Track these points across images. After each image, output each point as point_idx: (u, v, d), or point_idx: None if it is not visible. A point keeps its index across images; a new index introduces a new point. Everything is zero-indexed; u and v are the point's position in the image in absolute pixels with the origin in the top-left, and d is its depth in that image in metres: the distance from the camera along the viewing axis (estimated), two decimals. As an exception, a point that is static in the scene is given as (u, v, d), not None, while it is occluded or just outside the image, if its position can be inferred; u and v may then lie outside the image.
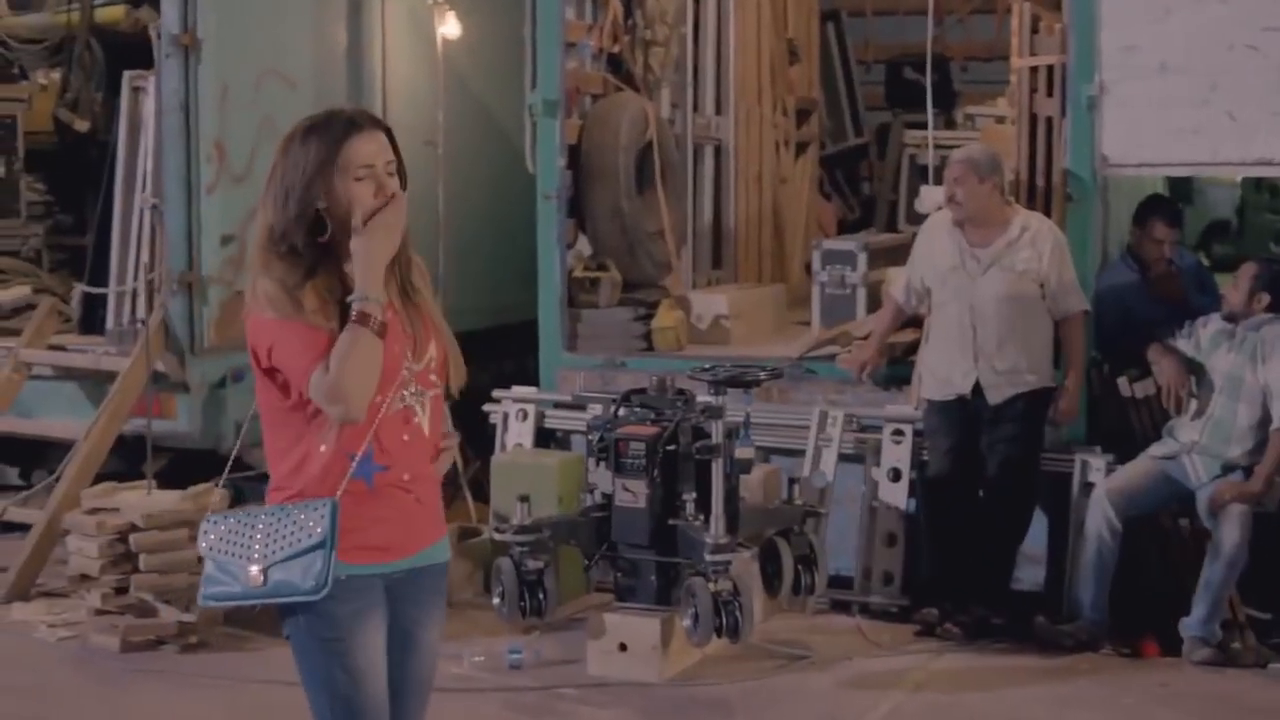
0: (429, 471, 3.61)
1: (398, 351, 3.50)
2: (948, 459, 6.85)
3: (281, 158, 3.51)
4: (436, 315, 3.66)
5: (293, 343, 3.40)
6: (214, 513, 3.58)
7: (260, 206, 3.56)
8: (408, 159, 3.52)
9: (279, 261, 3.45)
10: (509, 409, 7.90)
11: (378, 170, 3.49)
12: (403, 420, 3.52)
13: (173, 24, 7.85)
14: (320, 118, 3.55)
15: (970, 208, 6.77)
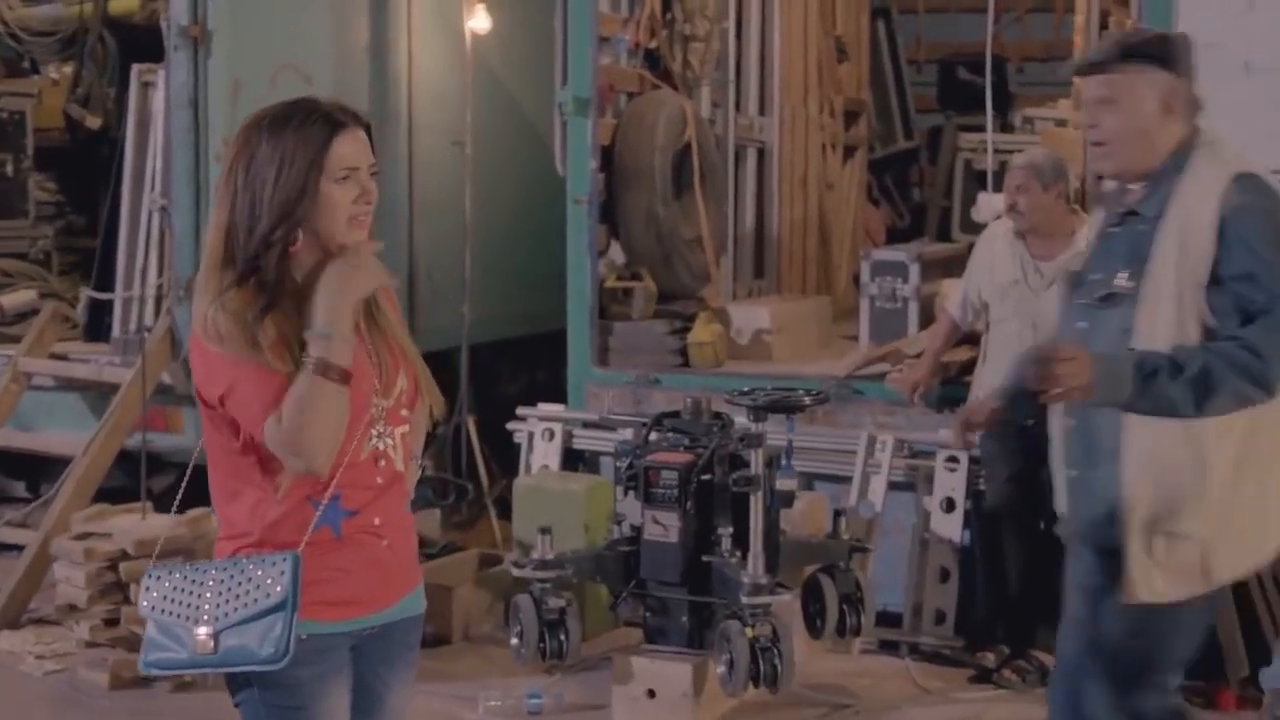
0: (402, 515, 3.20)
1: (365, 388, 3.08)
2: (1006, 489, 6.36)
3: (244, 157, 3.06)
4: (405, 339, 3.24)
5: (246, 386, 2.97)
6: (157, 565, 3.13)
7: (214, 216, 3.11)
8: (433, 159, 3.11)
9: (236, 288, 3.01)
10: (534, 428, 7.44)
11: (362, 173, 3.07)
12: (372, 460, 3.11)
13: (181, 14, 7.45)
14: (289, 109, 3.09)
15: (1033, 217, 6.30)
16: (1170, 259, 3.55)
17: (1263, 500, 3.68)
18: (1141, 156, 3.66)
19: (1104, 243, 3.80)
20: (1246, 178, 3.59)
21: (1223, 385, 3.42)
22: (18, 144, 9.11)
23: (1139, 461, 3.59)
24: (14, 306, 8.55)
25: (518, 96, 9.24)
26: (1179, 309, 3.54)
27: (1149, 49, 3.64)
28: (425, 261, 8.77)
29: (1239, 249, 3.50)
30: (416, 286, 8.71)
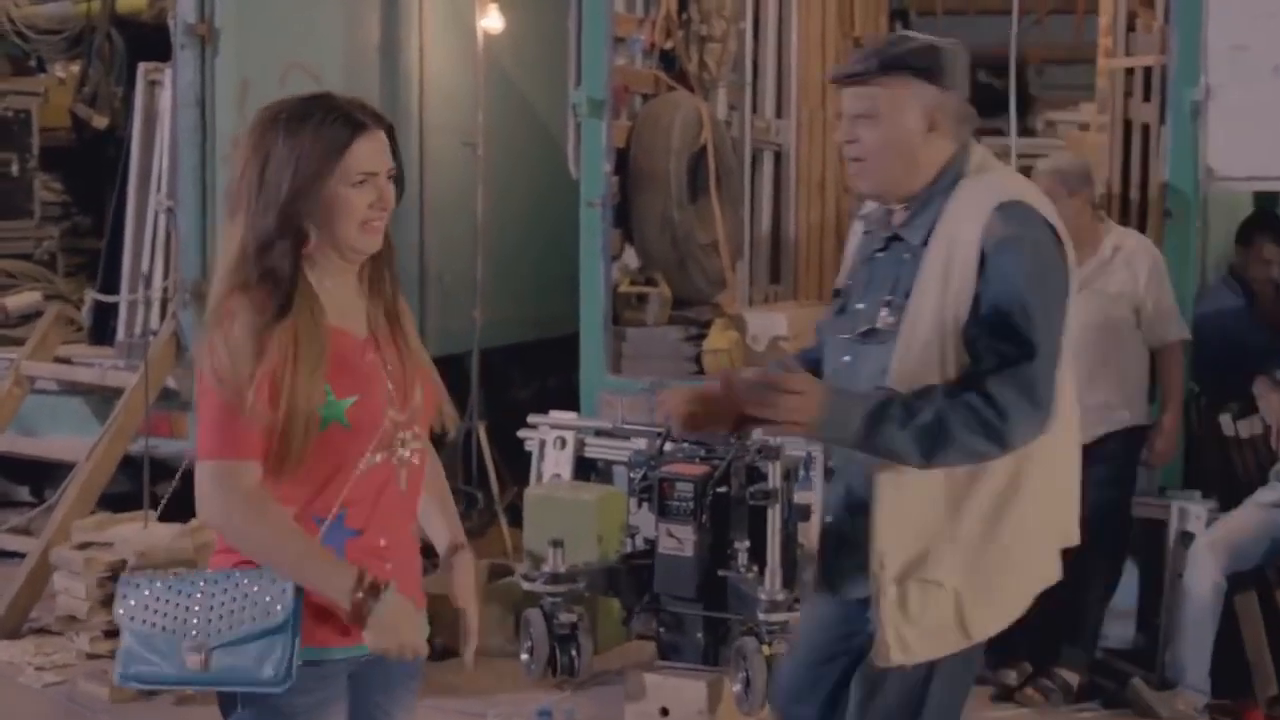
0: (408, 536, 3.07)
1: (378, 402, 2.95)
2: None
3: (259, 158, 2.93)
4: (423, 353, 3.12)
5: (221, 430, 2.86)
6: (135, 574, 3.00)
7: (229, 225, 2.98)
8: (445, 160, 2.99)
9: (249, 293, 2.88)
10: (546, 436, 7.29)
11: (380, 178, 2.95)
12: (380, 478, 2.97)
13: (188, 12, 7.31)
14: (307, 106, 2.97)
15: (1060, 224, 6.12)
16: (932, 293, 3.24)
17: (1023, 547, 3.35)
18: (903, 176, 3.34)
19: (868, 268, 3.47)
20: (1011, 206, 3.25)
21: (954, 439, 3.13)
22: (23, 143, 9.01)
23: (890, 504, 3.28)
24: (18, 308, 8.45)
25: (531, 97, 9.14)
26: (940, 349, 3.23)
27: (912, 60, 3.31)
28: (436, 264, 8.68)
29: (997, 287, 3.18)
30: (427, 290, 8.63)
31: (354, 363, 2.96)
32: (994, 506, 3.28)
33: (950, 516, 3.26)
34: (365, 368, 2.98)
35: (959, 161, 3.35)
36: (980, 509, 3.27)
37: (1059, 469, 3.42)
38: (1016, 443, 3.17)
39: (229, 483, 2.84)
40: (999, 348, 3.16)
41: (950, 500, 3.27)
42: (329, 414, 2.88)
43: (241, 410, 2.80)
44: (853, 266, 3.59)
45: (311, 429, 2.85)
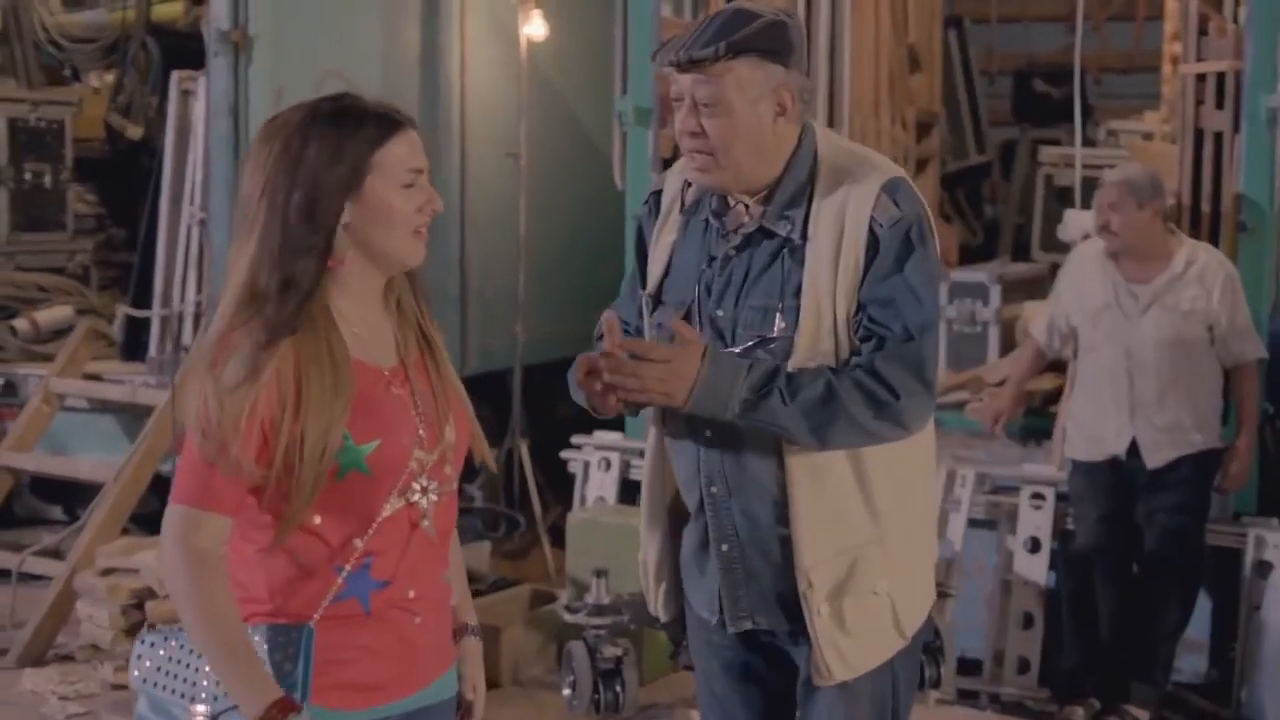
0: (439, 586, 2.76)
1: (405, 439, 2.66)
2: (1097, 529, 5.91)
3: (284, 165, 2.60)
4: (456, 381, 2.82)
5: (195, 475, 2.58)
6: (151, 631, 2.72)
7: (237, 248, 2.66)
8: (487, 172, 2.72)
9: (255, 323, 2.59)
10: (590, 457, 7.03)
11: (426, 178, 2.67)
12: (407, 521, 2.67)
13: (222, 19, 7.12)
14: (337, 106, 2.65)
15: (1128, 238, 5.85)
16: (825, 288, 2.97)
17: (925, 528, 3.21)
18: (755, 167, 3.04)
19: (719, 270, 3.10)
20: (897, 184, 3.01)
21: (847, 414, 2.90)
22: (56, 154, 8.84)
23: (810, 517, 3.01)
24: (49, 323, 8.25)
25: (575, 106, 8.91)
26: (837, 344, 2.98)
27: (760, 41, 2.98)
28: (477, 279, 8.48)
29: (886, 268, 2.95)
30: (468, 305, 8.44)
31: (377, 401, 2.67)
32: (900, 495, 3.08)
33: (871, 518, 3.05)
34: (391, 405, 2.68)
35: (807, 143, 3.07)
36: (893, 502, 3.06)
37: (931, 443, 3.20)
38: (909, 422, 2.98)
39: (186, 533, 2.57)
40: (887, 329, 2.95)
41: (867, 501, 3.04)
42: (347, 461, 2.60)
43: (222, 465, 2.53)
44: (676, 268, 3.18)
45: (322, 479, 2.58)
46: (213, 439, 2.51)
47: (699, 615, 3.25)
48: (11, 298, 8.38)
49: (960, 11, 12.04)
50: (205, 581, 2.55)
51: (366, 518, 2.62)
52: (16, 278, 8.52)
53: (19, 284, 8.49)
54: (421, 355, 2.76)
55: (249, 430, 2.52)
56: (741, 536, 3.11)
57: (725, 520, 3.12)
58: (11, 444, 7.30)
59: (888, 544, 3.06)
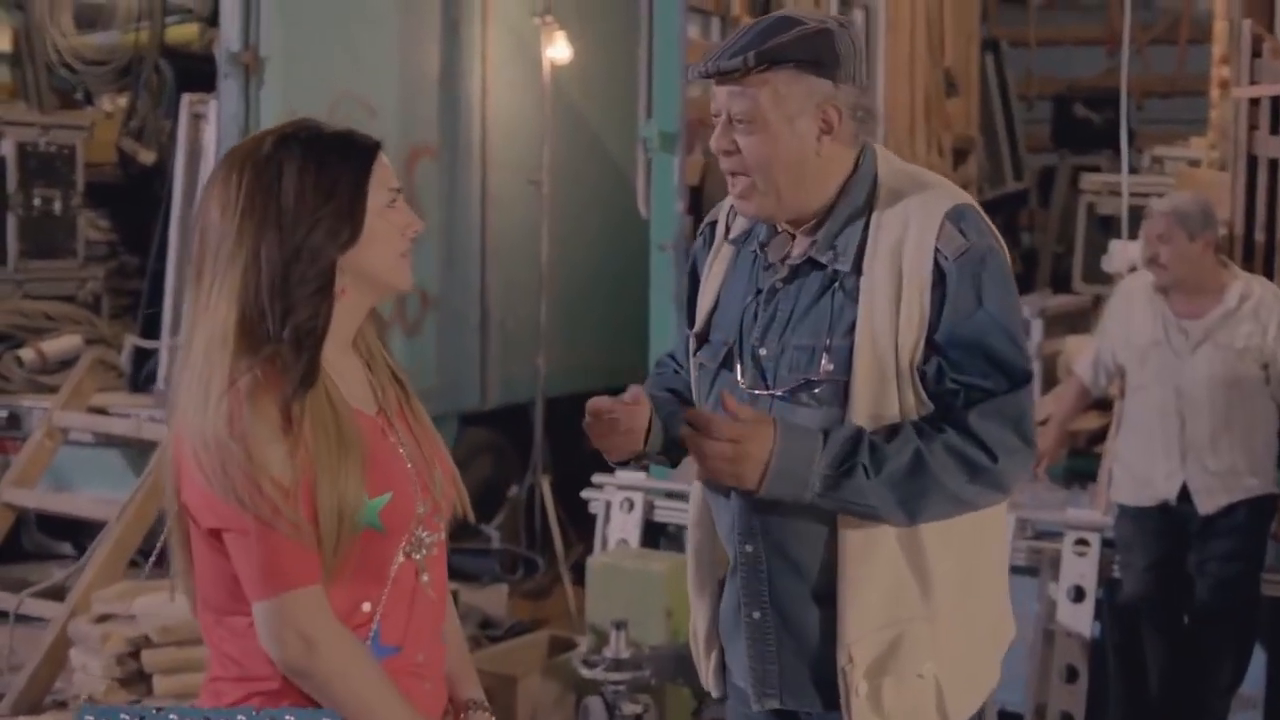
0: (440, 647, 2.57)
1: (410, 497, 2.44)
2: (1146, 579, 5.66)
3: (261, 194, 2.38)
4: (431, 424, 2.62)
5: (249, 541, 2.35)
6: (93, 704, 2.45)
7: (198, 288, 2.42)
8: (508, 198, 2.51)
9: (258, 377, 2.35)
10: (612, 497, 6.75)
11: (403, 198, 2.49)
12: (411, 580, 2.47)
13: (232, 39, 6.95)
14: (309, 125, 2.47)
15: (1178, 271, 5.58)
16: (885, 327, 2.67)
17: (989, 610, 2.86)
18: (797, 193, 2.74)
19: (763, 305, 2.81)
20: (964, 212, 2.70)
21: (939, 485, 2.61)
22: (67, 180, 8.61)
23: (857, 586, 2.72)
24: (56, 354, 8.01)
25: (599, 131, 8.76)
26: (901, 391, 2.68)
27: (798, 50, 2.67)
28: (498, 309, 8.34)
29: (965, 308, 2.65)
30: (488, 335, 8.30)
31: (381, 451, 2.46)
32: (959, 567, 2.76)
33: (923, 593, 2.74)
34: (390, 453, 2.48)
35: (865, 165, 2.77)
36: (951, 575, 2.74)
37: (1002, 513, 2.87)
38: (1010, 485, 2.68)
39: (292, 622, 2.35)
40: (977, 379, 2.63)
41: (919, 573, 2.73)
42: (361, 518, 2.38)
43: (285, 530, 2.31)
44: (724, 303, 2.91)
45: (345, 540, 2.35)
46: (265, 508, 2.29)
47: (734, 683, 2.96)
48: (18, 327, 8.15)
49: (998, 34, 11.91)
50: (350, 663, 2.36)
51: (377, 578, 2.42)
52: (23, 306, 8.29)
53: (26, 313, 8.25)
54: (399, 400, 2.56)
55: (301, 490, 2.32)
56: (775, 603, 2.81)
57: (759, 584, 2.82)
58: (13, 479, 7.06)
59: (939, 622, 2.75)
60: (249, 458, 2.29)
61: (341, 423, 2.37)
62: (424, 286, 7.83)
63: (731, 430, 2.60)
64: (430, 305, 7.91)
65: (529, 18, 7.99)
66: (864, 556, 2.70)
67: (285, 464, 2.30)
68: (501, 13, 8.19)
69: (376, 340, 2.58)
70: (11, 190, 8.33)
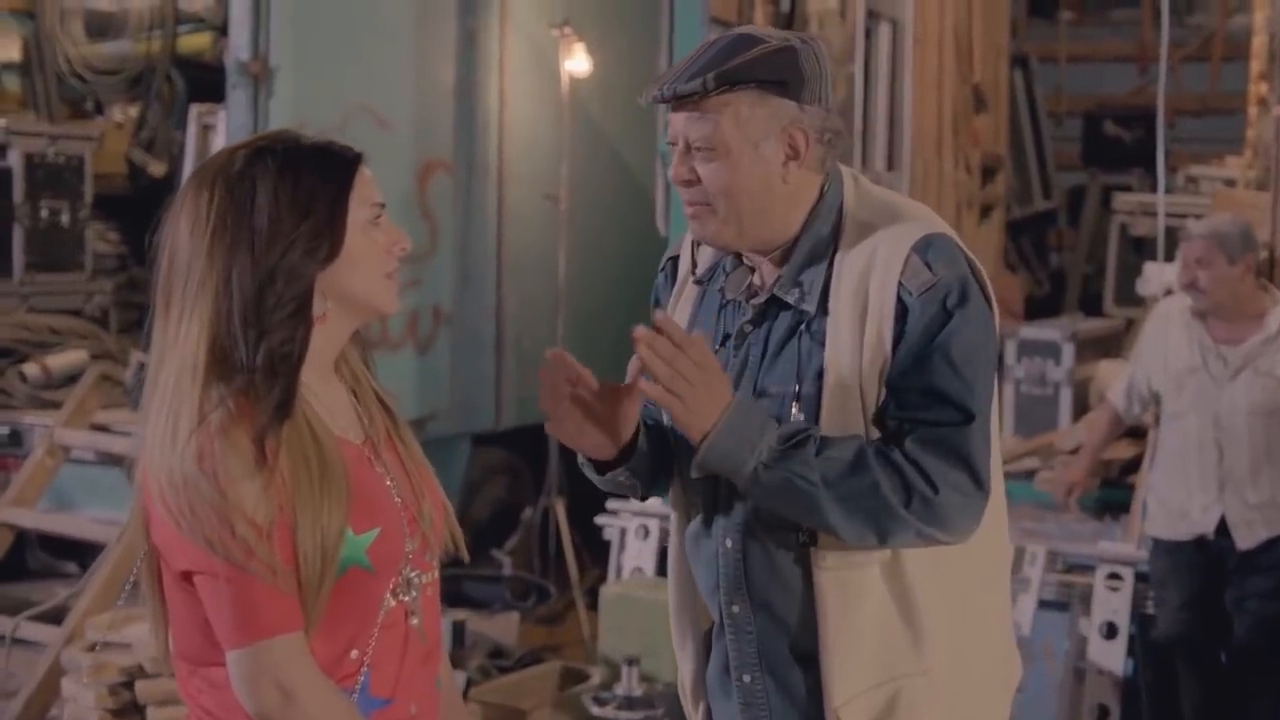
0: (434, 697, 2.39)
1: (399, 533, 2.27)
2: (1181, 616, 5.47)
3: (234, 210, 2.22)
4: (421, 453, 2.44)
5: (219, 584, 2.17)
6: None
7: (166, 316, 2.27)
8: (525, 214, 2.33)
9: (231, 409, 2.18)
10: (627, 523, 6.57)
11: (387, 214, 2.31)
12: (401, 623, 2.29)
13: (241, 48, 6.79)
14: (285, 137, 2.31)
15: (1216, 295, 5.40)
16: (850, 371, 2.49)
17: (993, 658, 2.67)
18: (762, 223, 2.55)
19: (734, 349, 2.62)
20: (932, 243, 2.50)
21: (878, 493, 2.41)
22: (75, 191, 8.47)
23: (844, 644, 2.53)
24: (61, 369, 7.84)
25: (618, 146, 8.60)
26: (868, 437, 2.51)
27: (760, 70, 2.49)
28: (514, 327, 8.17)
29: (921, 343, 2.47)
30: (504, 354, 8.13)
31: (367, 483, 2.29)
32: (954, 616, 2.56)
33: (916, 644, 2.55)
34: (375, 485, 2.31)
35: (831, 193, 2.58)
36: (944, 624, 2.55)
37: (1002, 549, 2.72)
38: (953, 524, 2.46)
39: (268, 671, 2.17)
40: (918, 413, 2.46)
41: (910, 622, 2.54)
42: (348, 556, 2.22)
43: (261, 574, 2.14)
44: None
45: (329, 581, 2.19)
46: (237, 550, 2.13)
47: None
48: (22, 341, 7.99)
49: (1027, 50, 11.76)
50: (333, 717, 2.19)
51: (365, 622, 2.25)
52: (28, 320, 8.13)
53: (31, 327, 8.10)
54: (386, 428, 2.39)
55: (278, 530, 2.15)
56: (766, 666, 2.62)
57: (747, 646, 2.63)
58: (12, 498, 6.90)
59: (937, 675, 2.55)
60: (221, 495, 2.12)
61: (324, 453, 2.21)
62: (437, 303, 7.68)
63: (705, 357, 2.42)
64: (443, 322, 7.75)
65: (548, 29, 7.83)
66: (845, 608, 2.51)
67: (260, 501, 2.13)
68: (520, 24, 8.03)
69: (361, 364, 2.42)
70: (18, 201, 8.20)
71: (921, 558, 2.51)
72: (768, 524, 2.54)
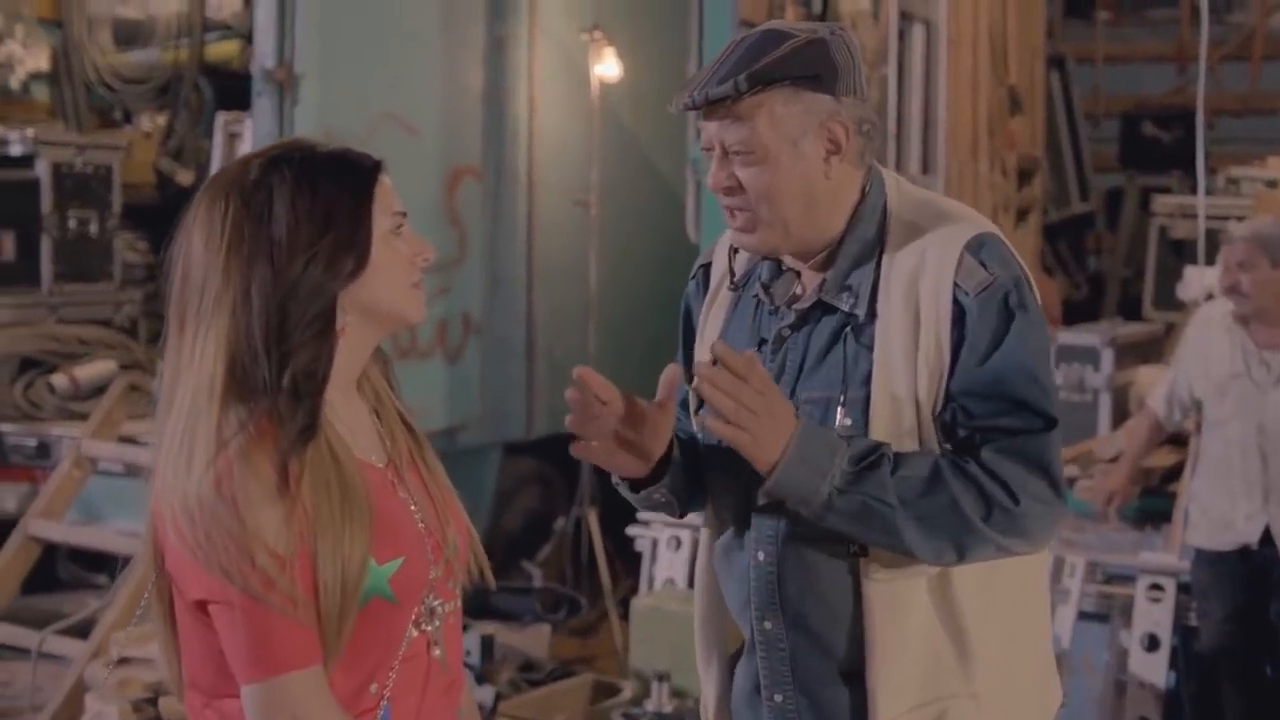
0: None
1: (422, 561, 2.19)
2: (1225, 629, 5.37)
3: (251, 223, 2.14)
4: (445, 476, 2.35)
5: (236, 615, 2.08)
6: None
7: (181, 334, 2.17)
8: (555, 221, 2.25)
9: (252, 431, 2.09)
10: (659, 534, 6.47)
11: (408, 223, 2.22)
12: (422, 656, 2.19)
13: (266, 55, 6.72)
14: (306, 150, 2.21)
15: (1260, 300, 5.30)
16: (903, 374, 2.40)
17: (1030, 683, 2.57)
18: (807, 225, 2.46)
19: (771, 353, 2.52)
20: (984, 242, 2.43)
21: (958, 508, 2.33)
22: (103, 201, 8.40)
23: (891, 662, 2.43)
24: (89, 380, 7.78)
25: (649, 151, 8.53)
26: (924, 444, 2.42)
27: (793, 66, 2.40)
28: (545, 335, 8.11)
29: (986, 347, 2.38)
30: (535, 363, 8.07)
31: (391, 509, 2.20)
32: (1002, 635, 2.49)
33: (963, 663, 2.46)
34: (400, 511, 2.22)
35: (874, 194, 2.50)
36: (992, 643, 2.46)
37: (1043, 564, 2.65)
38: (1034, 534, 2.39)
39: (287, 707, 2.09)
40: (995, 420, 2.37)
41: (957, 639, 2.45)
42: (370, 586, 2.13)
43: (281, 607, 2.05)
44: None
45: (349, 613, 2.10)
46: (256, 581, 2.03)
47: None
48: (50, 352, 7.94)
49: (1064, 51, 11.64)
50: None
51: (386, 654, 2.16)
52: (56, 331, 8.08)
53: (59, 337, 8.05)
54: (410, 449, 2.30)
55: (299, 560, 2.06)
56: (800, 685, 2.52)
57: (779, 664, 2.53)
58: (40, 511, 6.84)
59: (984, 698, 2.47)
60: (240, 523, 2.03)
61: (346, 477, 2.11)
62: (467, 311, 7.61)
63: (766, 385, 2.33)
64: (473, 331, 7.68)
65: (577, 33, 7.76)
66: (893, 620, 2.42)
67: (282, 530, 2.04)
68: (549, 28, 7.96)
69: (383, 382, 2.33)
70: (46, 212, 8.14)
71: (967, 572, 2.43)
72: (806, 536, 2.45)
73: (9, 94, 8.71)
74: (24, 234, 8.09)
